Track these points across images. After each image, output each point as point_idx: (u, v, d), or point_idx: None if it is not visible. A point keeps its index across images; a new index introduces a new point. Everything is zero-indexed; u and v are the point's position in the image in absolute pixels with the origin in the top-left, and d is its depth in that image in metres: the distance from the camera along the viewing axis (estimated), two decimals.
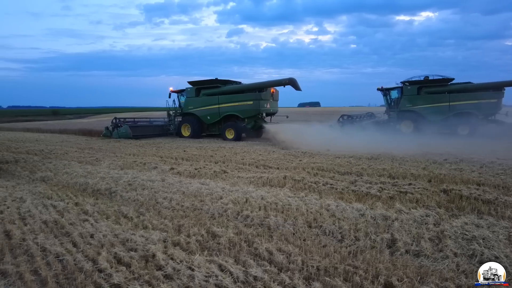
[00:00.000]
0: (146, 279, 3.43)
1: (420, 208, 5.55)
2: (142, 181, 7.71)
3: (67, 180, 8.22)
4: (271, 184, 7.52)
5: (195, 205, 5.97)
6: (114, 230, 4.75)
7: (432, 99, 19.44)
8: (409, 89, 20.06)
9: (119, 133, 19.17)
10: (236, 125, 18.02)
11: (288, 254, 3.91)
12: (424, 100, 19.61)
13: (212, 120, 18.75)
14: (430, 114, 19.32)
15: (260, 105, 17.56)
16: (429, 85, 19.84)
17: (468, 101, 18.77)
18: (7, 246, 4.35)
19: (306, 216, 5.22)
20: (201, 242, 4.34)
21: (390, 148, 12.29)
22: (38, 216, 5.40)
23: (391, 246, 4.24)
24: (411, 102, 19.97)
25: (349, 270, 3.54)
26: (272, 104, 18.62)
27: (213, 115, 18.57)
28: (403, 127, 19.85)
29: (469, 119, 18.42)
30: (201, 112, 18.90)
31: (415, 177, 7.92)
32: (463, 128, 18.38)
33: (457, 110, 18.87)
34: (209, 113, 18.65)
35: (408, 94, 20.04)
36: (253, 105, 17.56)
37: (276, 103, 19.18)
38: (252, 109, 17.63)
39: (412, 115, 19.84)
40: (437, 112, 19.18)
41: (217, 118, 18.54)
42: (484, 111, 18.65)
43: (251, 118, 17.88)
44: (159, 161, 10.80)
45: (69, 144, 16.72)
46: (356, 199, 6.22)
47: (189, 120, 19.31)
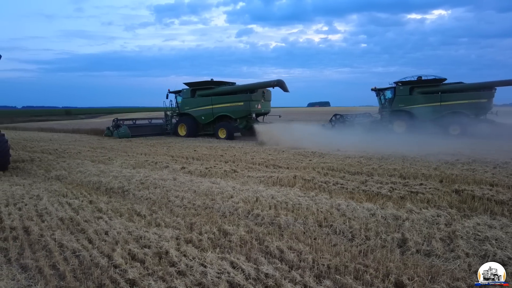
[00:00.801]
0: (160, 275, 3.52)
1: (431, 208, 5.53)
2: (154, 180, 7.84)
3: (81, 178, 8.40)
4: (281, 183, 7.56)
5: (206, 203, 6.05)
6: (127, 227, 4.86)
7: (424, 99, 19.57)
8: (401, 89, 20.31)
9: (119, 133, 20.00)
10: (228, 125, 18.71)
11: (298, 252, 3.96)
12: (416, 100, 19.78)
13: (206, 120, 19.51)
14: (422, 114, 19.44)
15: (250, 106, 18.21)
16: (421, 85, 20.02)
17: (459, 101, 19.00)
18: (26, 241, 4.50)
19: (317, 215, 5.25)
20: (213, 239, 4.41)
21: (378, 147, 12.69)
22: (54, 213, 5.56)
23: (402, 246, 4.25)
24: (403, 102, 20.19)
25: (359, 268, 3.57)
26: (264, 105, 19.24)
27: (207, 115, 19.35)
28: (395, 126, 20.13)
29: (460, 119, 18.55)
30: (196, 113, 19.68)
31: (426, 177, 7.86)
32: (454, 127, 18.50)
33: (448, 110, 19.07)
34: (204, 113, 19.45)
35: (401, 94, 20.30)
36: (244, 106, 18.27)
37: (268, 104, 19.78)
38: (243, 109, 18.37)
39: (404, 115, 20.07)
40: (429, 112, 19.28)
41: (211, 118, 19.30)
42: (475, 110, 18.83)
43: (242, 118, 18.64)
44: (170, 160, 10.94)
45: (81, 143, 17.04)
46: (367, 199, 6.22)
47: (185, 120, 20.15)
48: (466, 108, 18.81)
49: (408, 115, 19.95)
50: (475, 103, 18.75)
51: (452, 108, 19.06)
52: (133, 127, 21.09)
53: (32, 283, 3.51)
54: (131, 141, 17.67)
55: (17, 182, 8.01)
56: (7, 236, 4.70)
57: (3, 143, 9.37)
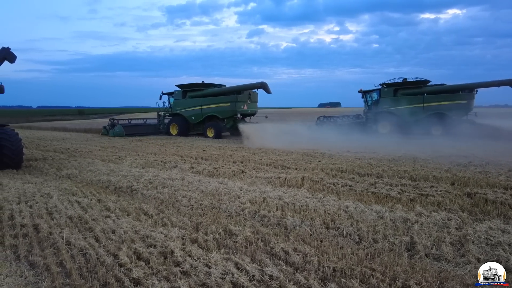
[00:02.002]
0: (164, 275, 3.52)
1: (442, 212, 5.40)
2: (163, 180, 7.88)
3: (91, 177, 8.51)
4: (289, 184, 7.51)
5: (213, 203, 6.05)
6: (134, 226, 4.89)
7: (407, 101, 20.17)
8: (386, 91, 20.95)
9: (114, 132, 21.09)
10: (216, 124, 19.85)
11: (304, 254, 3.91)
12: (400, 101, 20.40)
13: (196, 120, 20.69)
14: (406, 115, 19.95)
15: (236, 107, 19.32)
16: (404, 87, 20.63)
17: (440, 102, 19.54)
18: (36, 239, 4.57)
19: (324, 217, 5.19)
20: (218, 240, 4.40)
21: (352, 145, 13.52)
22: (63, 212, 5.63)
23: (410, 249, 4.16)
24: (388, 104, 20.80)
25: (365, 272, 3.51)
26: (250, 106, 20.23)
27: (197, 116, 20.53)
28: (380, 127, 20.59)
29: (442, 120, 19.10)
30: (187, 113, 20.86)
31: (437, 180, 7.71)
32: (436, 128, 18.95)
33: (431, 111, 19.59)
34: (194, 113, 20.63)
35: (385, 96, 20.94)
36: (230, 107, 19.40)
37: (254, 104, 20.77)
38: (229, 110, 19.50)
39: (388, 116, 20.56)
40: (412, 113, 19.82)
41: (200, 118, 20.46)
42: (456, 111, 19.33)
43: (229, 118, 19.77)
44: (179, 160, 10.99)
45: (93, 143, 17.29)
46: (376, 201, 6.13)
47: (176, 120, 21.36)
48: (447, 109, 19.33)
49: (392, 116, 20.47)
50: (455, 104, 19.25)
51: (434, 109, 19.59)
52: (128, 126, 22.20)
53: (39, 280, 3.55)
54: (142, 141, 17.86)
55: (29, 180, 8.15)
56: (17, 233, 4.78)
57: (16, 142, 9.57)
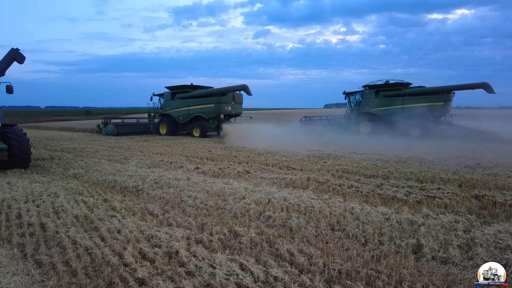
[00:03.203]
0: (169, 275, 3.52)
1: (449, 214, 5.34)
2: (168, 180, 7.91)
3: (97, 177, 8.56)
4: (294, 185, 7.49)
5: (218, 204, 6.05)
6: (140, 226, 4.91)
7: (387, 102, 21.02)
8: (367, 93, 21.78)
9: (106, 131, 21.99)
10: (201, 124, 20.88)
11: (309, 256, 3.89)
12: (380, 103, 21.25)
13: (183, 120, 21.65)
14: (386, 116, 20.88)
15: (220, 108, 20.32)
16: (385, 89, 21.41)
17: (417, 104, 20.13)
18: (42, 237, 4.60)
19: (329, 218, 5.15)
20: (223, 240, 4.39)
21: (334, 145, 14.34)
22: (70, 211, 5.67)
23: (417, 252, 4.11)
24: (369, 105, 21.62)
25: (371, 274, 3.47)
26: (235, 107, 21.20)
27: (184, 116, 21.52)
28: (361, 127, 21.39)
29: (420, 121, 19.70)
30: (175, 113, 21.87)
31: (445, 182, 7.62)
32: (414, 129, 19.71)
33: (409, 113, 20.23)
34: (181, 114, 21.62)
35: (367, 97, 21.77)
36: (214, 108, 20.38)
37: (239, 106, 21.77)
38: (213, 111, 20.46)
39: (370, 117, 21.48)
40: (392, 114, 20.66)
41: (187, 118, 21.45)
42: (432, 113, 19.91)
43: (214, 118, 20.70)
44: (185, 161, 11.02)
45: (99, 143, 17.41)
46: (382, 202, 6.08)
47: (166, 120, 22.32)
48: (425, 110, 19.84)
49: (374, 117, 21.35)
50: (432, 106, 19.78)
51: (412, 110, 20.21)
52: (120, 125, 23.06)
53: (45, 279, 3.57)
54: (148, 141, 17.95)
55: (36, 180, 8.23)
56: (24, 232, 4.82)
57: (25, 142, 9.67)
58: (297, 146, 14.09)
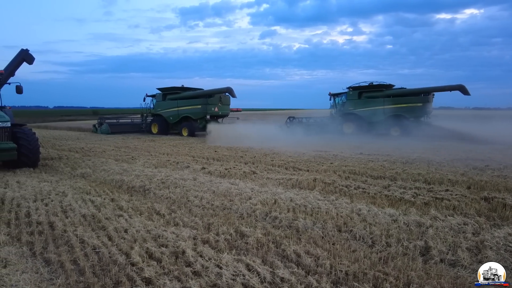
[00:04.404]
0: (176, 275, 3.53)
1: (458, 216, 5.27)
2: (175, 180, 7.94)
3: (104, 176, 8.63)
4: (300, 186, 7.46)
5: (224, 204, 6.05)
6: (146, 226, 4.93)
7: (370, 103, 21.81)
8: (351, 94, 22.60)
9: (101, 130, 23.22)
10: (190, 124, 21.96)
11: (316, 257, 3.87)
12: (363, 104, 22.05)
13: (173, 120, 22.79)
14: (368, 116, 21.59)
15: (207, 109, 21.43)
16: (368, 91, 22.22)
17: (397, 105, 20.94)
18: (51, 236, 4.65)
19: (336, 220, 5.13)
20: (229, 241, 4.40)
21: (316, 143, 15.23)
22: (78, 210, 5.72)
23: (425, 254, 4.07)
24: (353, 106, 22.47)
25: (379, 276, 3.44)
26: (222, 108, 22.25)
27: (174, 116, 22.69)
28: (345, 127, 22.23)
29: (400, 121, 20.47)
30: (166, 114, 23.03)
31: (453, 183, 7.54)
32: (395, 129, 20.40)
33: (390, 113, 21.03)
34: (172, 114, 22.80)
35: (351, 98, 22.60)
36: (201, 108, 21.49)
37: (226, 107, 22.80)
38: (200, 111, 21.57)
39: (353, 117, 22.24)
40: (374, 114, 21.38)
41: (177, 118, 22.60)
42: (412, 114, 20.70)
43: (201, 119, 21.71)
44: (191, 161, 11.06)
45: (106, 142, 17.55)
46: (389, 204, 6.03)
47: (157, 120, 23.54)
48: (405, 111, 20.72)
49: (356, 117, 22.10)
50: (411, 107, 20.64)
51: (393, 111, 20.99)
52: (114, 125, 24.47)
53: (54, 277, 3.60)
54: (154, 141, 18.06)
55: (45, 179, 8.32)
56: (33, 230, 4.88)
57: (34, 142, 9.79)
58: (276, 144, 15.01)
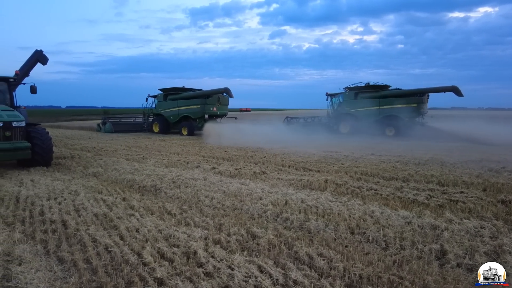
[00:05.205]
0: (188, 276, 3.51)
1: (474, 219, 5.15)
2: (185, 179, 7.95)
3: (115, 176, 8.70)
4: (311, 187, 7.40)
5: (235, 204, 6.03)
6: (158, 225, 4.94)
7: (365, 104, 22.06)
8: (347, 95, 23.01)
9: (105, 129, 24.40)
10: (189, 124, 22.77)
11: (329, 259, 3.81)
12: (359, 104, 22.36)
13: (174, 120, 23.66)
14: (364, 116, 21.79)
15: (205, 109, 22.24)
16: (364, 91, 22.52)
17: (392, 105, 21.19)
18: (64, 235, 4.69)
19: (349, 221, 5.06)
20: (241, 241, 4.37)
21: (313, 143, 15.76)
22: (90, 209, 5.76)
23: (441, 258, 3.97)
24: (349, 106, 22.83)
25: (394, 280, 3.37)
26: (220, 108, 23.11)
27: (174, 116, 23.55)
28: (341, 127, 22.76)
29: (395, 122, 20.83)
30: (166, 113, 23.93)
31: (468, 185, 7.38)
32: (389, 129, 20.82)
33: (385, 114, 21.37)
34: (172, 114, 23.66)
35: (347, 99, 23.00)
36: (200, 108, 22.28)
37: (225, 107, 23.74)
38: (199, 111, 22.38)
39: (349, 118, 22.58)
40: (369, 115, 21.68)
41: (177, 118, 23.44)
42: (406, 114, 20.75)
43: (200, 118, 22.54)
44: (202, 161, 11.08)
45: (117, 142, 17.72)
46: (402, 206, 5.92)
47: (158, 119, 24.50)
48: (399, 112, 20.83)
49: (352, 117, 22.39)
50: (406, 108, 20.70)
51: (388, 111, 21.28)
52: (118, 124, 25.94)
53: (67, 276, 3.62)
54: (165, 141, 18.18)
55: (58, 178, 8.43)
56: (47, 228, 4.93)
57: (47, 141, 9.93)
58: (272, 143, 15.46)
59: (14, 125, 9.12)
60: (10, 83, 10.53)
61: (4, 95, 10.36)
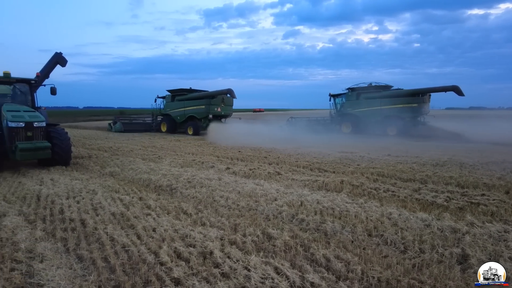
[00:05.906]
0: (204, 276, 3.52)
1: (497, 223, 4.99)
2: (201, 179, 8.00)
3: (132, 175, 8.82)
4: (327, 188, 7.32)
5: (250, 205, 6.02)
6: (174, 225, 4.97)
7: (367, 104, 22.35)
8: (350, 95, 23.36)
9: (115, 128, 25.66)
10: (194, 124, 23.51)
11: (346, 262, 3.76)
12: (361, 104, 22.65)
13: (181, 120, 24.55)
14: (366, 117, 22.13)
15: (210, 109, 22.88)
16: (366, 92, 22.72)
17: (394, 105, 21.30)
18: (83, 233, 4.78)
19: (366, 223, 4.98)
20: (256, 242, 4.35)
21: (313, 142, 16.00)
22: (107, 208, 5.86)
23: (462, 263, 3.86)
24: (351, 106, 23.19)
25: (414, 284, 3.30)
26: (224, 108, 23.71)
27: (181, 116, 24.44)
28: (343, 127, 23.20)
29: (396, 121, 20.85)
30: (174, 114, 24.87)
31: (489, 187, 7.16)
32: (391, 129, 20.85)
33: (387, 114, 21.49)
34: (179, 114, 24.57)
35: (349, 99, 23.35)
36: (205, 109, 22.97)
37: (229, 107, 24.31)
38: (204, 111, 23.08)
39: (351, 118, 23.00)
40: (371, 115, 21.94)
41: (183, 118, 24.29)
42: (408, 114, 20.95)
43: (205, 118, 23.19)
44: (216, 161, 11.12)
45: (134, 142, 17.99)
46: (421, 208, 5.80)
47: (166, 119, 25.57)
48: (401, 112, 21.03)
49: (354, 117, 22.77)
50: (407, 108, 20.90)
51: (389, 111, 21.40)
52: (127, 123, 27.11)
53: (86, 273, 3.69)
54: (180, 141, 18.35)
55: (76, 177, 8.61)
56: (66, 227, 5.03)
57: (66, 141, 10.16)
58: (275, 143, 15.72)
59: (35, 126, 9.37)
60: (31, 85, 10.83)
61: (26, 96, 10.66)
